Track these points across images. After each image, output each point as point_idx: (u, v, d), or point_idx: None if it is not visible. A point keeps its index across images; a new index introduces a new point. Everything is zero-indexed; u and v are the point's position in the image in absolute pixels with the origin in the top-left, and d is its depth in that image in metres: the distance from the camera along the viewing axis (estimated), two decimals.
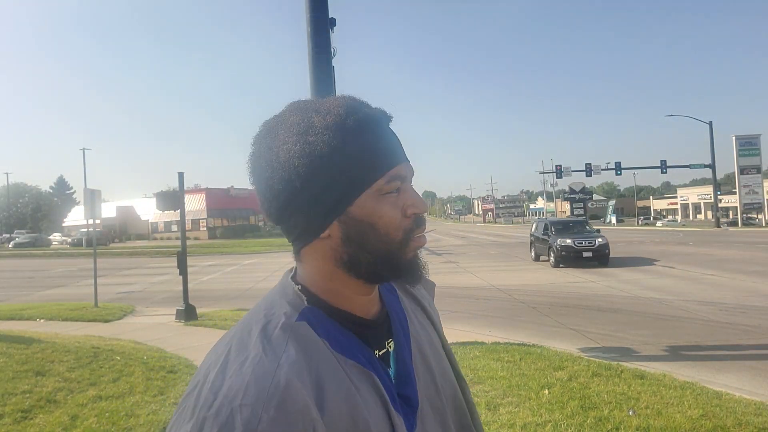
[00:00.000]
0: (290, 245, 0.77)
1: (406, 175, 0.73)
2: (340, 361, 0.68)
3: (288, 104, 0.76)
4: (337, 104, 0.71)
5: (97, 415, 4.37)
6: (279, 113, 0.75)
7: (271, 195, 0.71)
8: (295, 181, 0.68)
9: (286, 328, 0.68)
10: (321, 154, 0.68)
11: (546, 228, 18.99)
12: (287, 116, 0.72)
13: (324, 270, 0.73)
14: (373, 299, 0.77)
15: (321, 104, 0.72)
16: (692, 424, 3.92)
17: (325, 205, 0.70)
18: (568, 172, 56.01)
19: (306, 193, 0.69)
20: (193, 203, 61.28)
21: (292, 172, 0.68)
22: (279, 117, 0.74)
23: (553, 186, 78.39)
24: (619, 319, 8.79)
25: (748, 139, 45.86)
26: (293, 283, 0.74)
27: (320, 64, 7.19)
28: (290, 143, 0.69)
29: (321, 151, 0.68)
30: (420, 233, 0.74)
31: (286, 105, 0.76)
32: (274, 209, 0.72)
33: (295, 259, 0.77)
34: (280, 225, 0.74)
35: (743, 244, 23.79)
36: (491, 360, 5.85)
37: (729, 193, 52.94)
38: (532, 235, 20.42)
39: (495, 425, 3.99)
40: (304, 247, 0.74)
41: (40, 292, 15.80)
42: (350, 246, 0.71)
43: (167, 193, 11.13)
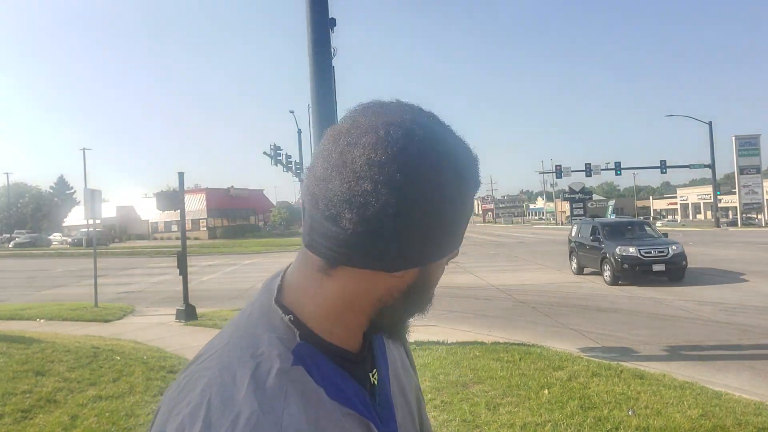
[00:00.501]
0: (293, 246, 0.67)
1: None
2: (337, 411, 0.59)
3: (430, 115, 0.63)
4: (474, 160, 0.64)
5: (97, 415, 4.38)
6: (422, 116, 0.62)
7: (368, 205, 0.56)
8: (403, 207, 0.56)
9: (282, 376, 0.57)
10: (463, 202, 0.61)
11: (595, 231, 14.60)
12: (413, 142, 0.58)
13: (350, 301, 0.62)
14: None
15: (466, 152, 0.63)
16: (692, 424, 3.92)
17: (431, 249, 0.60)
18: (567, 172, 55.97)
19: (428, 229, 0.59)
20: (193, 203, 61.27)
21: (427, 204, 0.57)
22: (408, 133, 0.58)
23: (552, 186, 78.48)
24: (619, 319, 8.80)
25: (748, 139, 45.87)
26: (280, 311, 0.61)
27: (320, 64, 7.20)
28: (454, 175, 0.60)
29: (463, 199, 0.61)
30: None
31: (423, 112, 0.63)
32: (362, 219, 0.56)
33: (317, 268, 0.62)
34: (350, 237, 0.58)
35: (743, 244, 23.80)
36: (491, 360, 5.85)
37: (729, 193, 52.93)
38: (573, 241, 16.10)
39: (495, 425, 3.99)
40: (351, 267, 0.60)
41: (40, 292, 15.81)
42: (406, 297, 0.63)
43: (167, 193, 11.15)
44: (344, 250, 0.58)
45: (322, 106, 7.26)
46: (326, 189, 0.58)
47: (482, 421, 4.06)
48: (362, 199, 0.56)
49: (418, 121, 0.60)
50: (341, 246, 0.58)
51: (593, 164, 52.98)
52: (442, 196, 0.58)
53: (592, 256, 14.34)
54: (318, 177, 0.59)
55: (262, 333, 0.60)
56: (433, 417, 4.18)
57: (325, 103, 7.27)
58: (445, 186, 0.58)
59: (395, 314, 0.64)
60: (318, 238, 0.60)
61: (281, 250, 32.66)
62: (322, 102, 7.25)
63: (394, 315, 0.64)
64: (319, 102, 7.25)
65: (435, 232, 0.59)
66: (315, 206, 0.59)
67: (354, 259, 0.59)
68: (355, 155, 0.57)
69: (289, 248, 34.12)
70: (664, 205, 79.99)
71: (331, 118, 7.30)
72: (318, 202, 0.59)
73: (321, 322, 0.62)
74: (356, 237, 0.57)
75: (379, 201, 0.56)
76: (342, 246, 0.58)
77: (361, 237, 0.57)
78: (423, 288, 0.64)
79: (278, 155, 31.26)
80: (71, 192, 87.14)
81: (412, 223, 0.57)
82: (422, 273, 0.62)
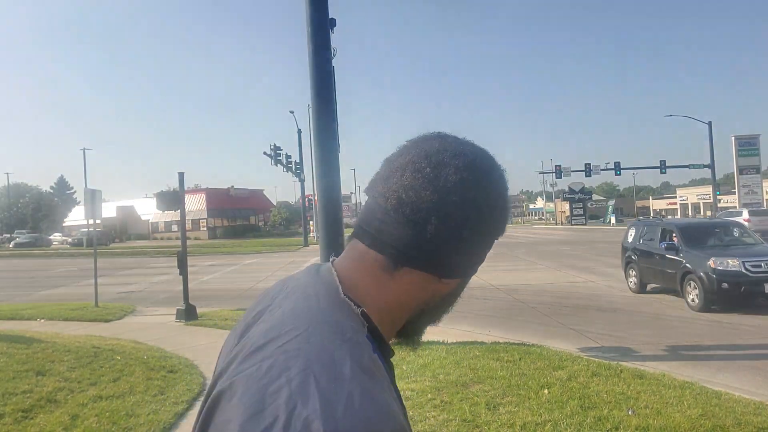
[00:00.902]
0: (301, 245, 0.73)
1: None
2: (393, 384, 0.66)
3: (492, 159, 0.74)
4: (507, 192, 0.74)
5: (98, 415, 4.38)
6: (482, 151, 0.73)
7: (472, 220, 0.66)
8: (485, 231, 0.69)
9: (373, 359, 0.61)
10: (497, 228, 0.71)
11: (667, 236, 10.92)
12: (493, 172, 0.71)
13: (403, 301, 0.69)
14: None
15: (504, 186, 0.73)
16: (691, 424, 3.93)
17: (475, 262, 0.72)
18: (567, 172, 55.94)
19: (480, 245, 0.70)
20: (193, 203, 61.25)
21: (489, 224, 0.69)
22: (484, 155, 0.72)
23: (552, 186, 78.46)
24: (619, 319, 8.80)
25: (748, 139, 45.88)
26: (352, 303, 0.65)
27: (320, 64, 7.20)
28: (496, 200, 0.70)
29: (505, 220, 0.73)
30: None
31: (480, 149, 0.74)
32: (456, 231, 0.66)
33: (381, 269, 0.67)
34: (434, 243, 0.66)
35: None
36: (491, 359, 5.86)
37: (728, 193, 52.94)
38: (631, 249, 12.06)
39: (495, 425, 4.00)
40: (414, 269, 0.67)
41: (40, 292, 15.81)
42: (443, 303, 0.73)
43: (167, 193, 11.16)
44: (415, 253, 0.66)
45: (322, 106, 7.26)
46: (416, 196, 0.65)
47: (482, 421, 4.06)
48: (449, 211, 0.65)
49: (490, 155, 0.73)
50: (414, 249, 0.66)
51: (593, 164, 52.96)
52: (501, 220, 0.71)
53: (666, 271, 10.52)
54: (407, 185, 0.66)
55: (343, 320, 0.63)
56: (433, 417, 4.19)
57: (325, 103, 7.27)
58: (503, 213, 0.71)
59: (428, 317, 0.73)
60: (387, 239, 0.67)
61: (281, 250, 32.66)
62: (322, 102, 7.26)
63: (427, 318, 0.73)
64: (319, 102, 7.26)
65: (485, 250, 0.71)
66: (397, 209, 0.66)
67: (420, 263, 0.67)
68: (449, 173, 0.66)
69: (289, 248, 34.12)
70: (664, 205, 79.98)
71: (331, 118, 7.31)
72: (404, 206, 0.65)
73: (380, 317, 0.67)
74: (432, 243, 0.65)
75: (463, 215, 0.66)
76: (414, 249, 0.66)
77: (436, 243, 0.65)
78: (454, 296, 0.74)
79: (278, 155, 31.24)
80: (71, 192, 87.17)
81: (478, 238, 0.68)
82: (461, 283, 0.73)
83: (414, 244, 0.65)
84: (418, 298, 0.69)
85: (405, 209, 0.65)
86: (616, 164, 51.85)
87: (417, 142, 0.72)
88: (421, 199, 0.65)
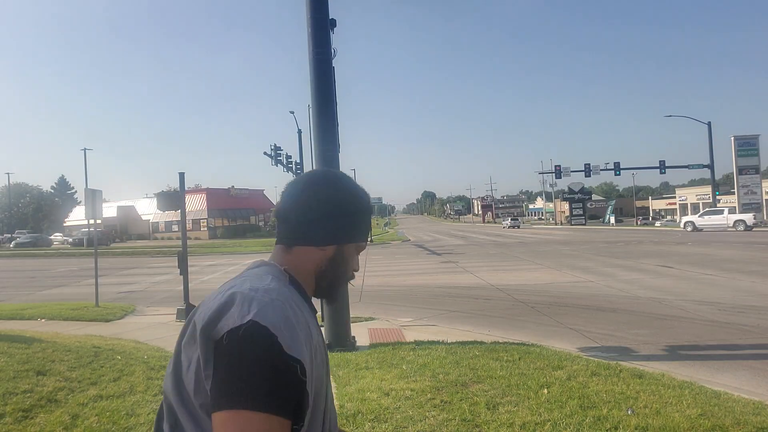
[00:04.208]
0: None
1: (364, 248, 1.20)
2: (313, 319, 1.05)
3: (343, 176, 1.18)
4: (365, 194, 1.18)
5: (98, 415, 4.39)
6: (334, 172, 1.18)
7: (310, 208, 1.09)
8: (337, 213, 1.10)
9: (287, 284, 1.04)
10: (353, 212, 1.13)
11: None
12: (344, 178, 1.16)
13: (305, 267, 1.10)
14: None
15: (360, 188, 1.17)
16: (691, 424, 3.93)
17: (340, 234, 1.11)
18: (567, 172, 55.97)
19: (337, 221, 1.10)
20: (193, 203, 61.22)
21: (337, 208, 1.11)
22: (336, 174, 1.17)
23: (552, 186, 78.39)
24: (618, 319, 8.81)
25: (747, 139, 45.89)
26: (278, 265, 1.09)
27: (320, 64, 7.20)
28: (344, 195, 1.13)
29: (355, 210, 1.13)
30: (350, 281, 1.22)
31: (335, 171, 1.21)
32: (305, 216, 1.09)
33: (282, 248, 1.12)
34: (296, 226, 1.10)
35: (742, 244, 23.81)
36: (490, 359, 5.87)
37: (728, 193, 52.92)
38: None
39: (494, 424, 4.00)
40: (301, 246, 1.10)
41: (41, 291, 15.81)
42: (330, 265, 1.11)
43: (168, 193, 11.16)
44: (294, 236, 1.10)
45: (323, 106, 7.27)
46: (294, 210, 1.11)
47: (482, 421, 4.07)
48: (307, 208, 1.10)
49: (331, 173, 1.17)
50: (294, 233, 1.10)
51: (592, 164, 53.02)
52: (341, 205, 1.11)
53: None
54: (287, 208, 1.12)
55: (273, 270, 1.06)
56: (432, 416, 4.20)
57: (326, 103, 7.28)
58: (342, 202, 1.12)
59: (327, 279, 1.12)
60: (281, 236, 1.13)
61: None
62: (322, 102, 7.26)
63: (327, 279, 1.12)
64: (320, 102, 7.26)
65: (341, 225, 1.11)
66: (285, 220, 1.12)
67: (298, 240, 1.10)
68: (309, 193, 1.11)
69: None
70: (663, 206, 79.95)
71: (331, 118, 7.32)
72: (289, 216, 1.11)
73: (296, 277, 1.08)
74: (301, 227, 1.10)
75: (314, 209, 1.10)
76: (294, 233, 1.10)
77: (304, 227, 1.09)
78: (341, 261, 1.12)
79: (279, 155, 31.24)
80: (72, 192, 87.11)
81: (329, 219, 1.09)
82: (338, 250, 1.11)
83: (293, 231, 1.11)
84: (310, 264, 1.10)
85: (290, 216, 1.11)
86: (615, 164, 51.90)
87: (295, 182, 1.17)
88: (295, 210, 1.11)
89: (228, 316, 0.88)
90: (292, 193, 1.12)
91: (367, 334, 8.00)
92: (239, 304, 0.89)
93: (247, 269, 1.09)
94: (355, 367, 5.78)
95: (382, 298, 11.95)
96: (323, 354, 1.05)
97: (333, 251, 1.11)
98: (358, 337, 7.43)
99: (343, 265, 1.13)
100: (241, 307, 0.88)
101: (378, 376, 5.34)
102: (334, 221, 1.09)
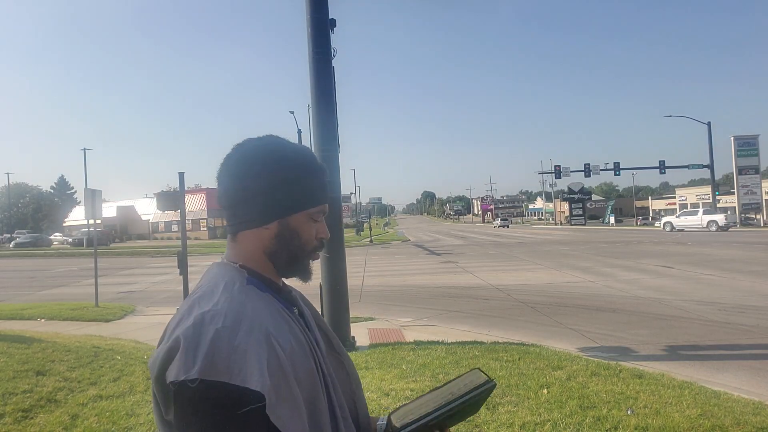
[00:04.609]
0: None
1: (325, 212, 1.09)
2: (280, 305, 0.99)
3: (266, 136, 1.08)
4: (304, 153, 1.07)
5: (98, 415, 4.39)
6: (261, 139, 1.07)
7: (242, 190, 1.01)
8: (264, 186, 1.01)
9: (242, 286, 0.96)
10: (287, 179, 1.02)
11: None
12: (269, 145, 1.05)
13: (255, 252, 1.03)
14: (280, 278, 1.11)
15: (294, 148, 1.07)
16: (691, 424, 3.93)
17: (277, 208, 1.02)
18: (567, 172, 55.98)
19: (269, 196, 1.01)
20: (193, 203, 61.21)
21: (265, 179, 1.01)
22: (261, 141, 1.06)
23: (552, 186, 78.41)
24: (618, 319, 8.81)
25: (747, 139, 45.89)
26: (232, 263, 1.02)
27: (320, 64, 7.20)
28: (269, 165, 1.02)
29: (288, 177, 1.02)
30: (319, 251, 1.09)
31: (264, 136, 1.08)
32: (240, 199, 1.02)
33: (229, 239, 1.06)
34: (237, 211, 1.03)
35: (741, 244, 23.81)
36: (490, 359, 5.87)
37: (727, 193, 52.95)
38: None
39: (494, 424, 4.00)
40: (244, 231, 1.03)
41: (40, 291, 15.80)
42: (279, 242, 1.03)
43: (168, 193, 11.15)
44: (235, 221, 1.03)
45: (323, 106, 7.26)
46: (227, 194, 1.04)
47: (481, 421, 4.07)
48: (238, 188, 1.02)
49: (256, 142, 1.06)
50: (234, 219, 1.03)
51: (592, 164, 53.03)
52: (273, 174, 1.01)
53: None
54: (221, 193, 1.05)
55: (225, 273, 0.99)
56: None
57: (326, 104, 7.27)
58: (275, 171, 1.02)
59: (282, 258, 1.04)
60: (227, 225, 1.06)
61: None
62: (322, 102, 7.26)
63: (281, 258, 1.04)
64: (320, 102, 7.26)
65: (278, 198, 1.01)
66: (225, 207, 1.04)
67: (239, 226, 1.04)
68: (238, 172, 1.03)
69: None
70: (663, 206, 79.95)
71: (331, 118, 7.31)
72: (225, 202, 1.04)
73: (253, 266, 1.03)
74: (237, 210, 1.03)
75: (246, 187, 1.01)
76: (234, 218, 1.03)
77: (240, 210, 1.02)
78: (291, 235, 1.03)
79: None
80: (72, 192, 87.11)
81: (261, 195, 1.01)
82: (282, 224, 1.03)
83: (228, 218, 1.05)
84: (258, 245, 1.03)
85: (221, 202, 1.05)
86: (615, 164, 51.91)
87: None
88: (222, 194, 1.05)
89: (174, 366, 0.84)
90: (222, 175, 1.04)
91: (366, 334, 8.00)
92: (183, 351, 0.84)
93: (203, 275, 1.04)
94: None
95: (382, 298, 11.95)
96: (309, 343, 0.98)
97: (276, 227, 1.02)
98: (357, 337, 7.43)
99: (294, 238, 1.03)
100: (185, 356, 0.83)
101: (378, 376, 5.34)
102: (269, 196, 1.01)
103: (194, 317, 0.87)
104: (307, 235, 1.05)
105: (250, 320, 0.88)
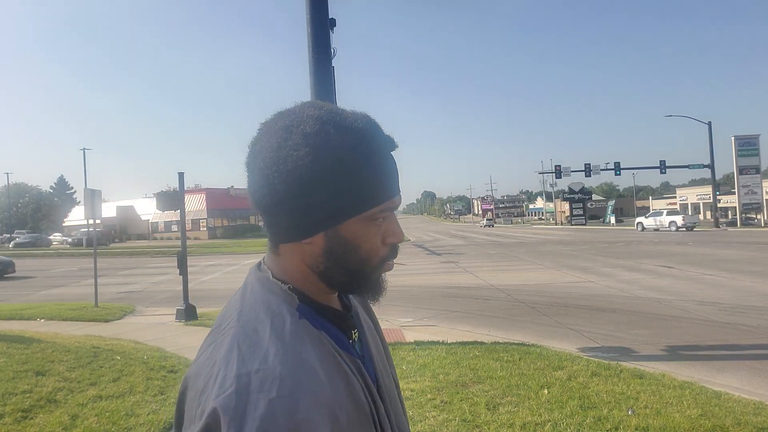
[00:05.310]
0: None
1: (396, 206, 0.78)
2: (335, 350, 0.74)
3: (304, 104, 0.77)
4: (356, 125, 0.74)
5: (98, 415, 4.38)
6: (295, 111, 0.76)
7: (269, 189, 0.73)
8: (296, 186, 0.71)
9: (295, 326, 0.72)
10: (331, 171, 0.71)
11: None
12: (304, 120, 0.73)
13: (302, 269, 0.78)
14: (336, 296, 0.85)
15: (341, 119, 0.74)
16: (691, 424, 3.93)
17: (317, 217, 0.73)
18: (567, 172, 55.94)
19: (303, 200, 0.72)
20: (193, 203, 61.23)
21: (297, 177, 0.71)
22: (295, 115, 0.75)
23: (552, 186, 78.40)
24: (618, 319, 8.80)
25: (747, 139, 45.86)
26: (278, 282, 0.77)
27: (320, 64, 7.20)
28: (302, 151, 0.71)
29: (331, 168, 0.71)
30: (392, 260, 0.81)
31: (302, 103, 0.78)
32: (268, 203, 0.75)
33: (270, 249, 0.81)
34: (269, 218, 0.77)
35: (742, 244, 23.80)
36: (491, 360, 5.86)
37: (728, 193, 52.95)
38: None
39: (494, 425, 4.00)
40: (285, 243, 0.78)
41: (40, 291, 15.80)
42: (329, 259, 0.76)
43: (167, 193, 11.15)
44: (273, 230, 0.78)
45: None
46: (257, 190, 0.76)
47: (482, 421, 4.06)
48: (268, 188, 0.73)
49: (284, 120, 0.76)
50: (270, 230, 0.78)
51: (593, 164, 52.97)
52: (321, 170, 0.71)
53: None
54: (250, 188, 0.78)
55: (270, 298, 0.75)
56: (433, 417, 4.19)
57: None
58: (297, 171, 0.71)
59: (337, 276, 0.77)
60: (266, 229, 0.80)
61: None
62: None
63: (337, 277, 0.77)
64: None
65: (311, 205, 0.72)
66: (255, 205, 0.78)
67: (278, 237, 0.78)
68: (260, 156, 0.75)
69: None
70: (664, 206, 79.89)
71: None
72: (256, 200, 0.77)
73: (305, 289, 0.78)
74: (271, 217, 0.76)
75: (256, 187, 0.75)
76: (270, 230, 0.78)
77: (272, 214, 0.75)
78: (346, 249, 0.75)
79: None
80: (71, 192, 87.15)
81: (281, 201, 0.73)
82: (330, 236, 0.75)
83: (269, 228, 0.78)
84: (302, 262, 0.78)
85: (252, 198, 0.78)
86: (616, 164, 51.85)
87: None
88: (253, 172, 0.76)
89: None
90: (249, 166, 0.77)
91: None
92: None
93: (241, 290, 0.81)
94: None
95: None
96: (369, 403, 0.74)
97: (322, 241, 0.75)
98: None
99: (350, 252, 0.75)
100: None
101: None
102: (304, 200, 0.72)
103: (236, 377, 0.64)
104: (369, 244, 0.76)
105: (312, 384, 0.66)
